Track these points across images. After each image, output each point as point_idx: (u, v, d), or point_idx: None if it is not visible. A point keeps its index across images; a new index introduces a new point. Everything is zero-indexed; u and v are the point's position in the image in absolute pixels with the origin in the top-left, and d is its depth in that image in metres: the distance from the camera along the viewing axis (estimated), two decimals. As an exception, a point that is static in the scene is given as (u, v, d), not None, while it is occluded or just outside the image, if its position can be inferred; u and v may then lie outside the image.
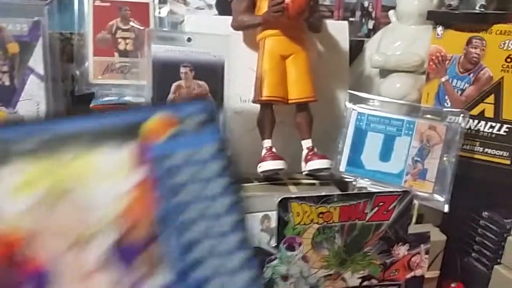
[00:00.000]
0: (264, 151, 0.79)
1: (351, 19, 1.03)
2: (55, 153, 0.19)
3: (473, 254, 0.83)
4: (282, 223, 0.59)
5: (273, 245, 0.60)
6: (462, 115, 0.74)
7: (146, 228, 0.19)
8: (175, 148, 0.21)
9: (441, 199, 0.74)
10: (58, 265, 0.18)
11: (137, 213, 0.19)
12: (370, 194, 0.59)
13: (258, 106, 0.81)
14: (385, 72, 0.90)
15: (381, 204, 0.60)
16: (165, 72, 0.73)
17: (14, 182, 0.18)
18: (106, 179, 0.19)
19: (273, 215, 0.66)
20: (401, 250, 0.64)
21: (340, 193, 0.62)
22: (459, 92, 0.79)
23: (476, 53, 0.76)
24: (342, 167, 0.80)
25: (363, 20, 1.04)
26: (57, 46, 0.68)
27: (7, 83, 0.66)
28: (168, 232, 0.19)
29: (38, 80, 0.66)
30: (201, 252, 0.20)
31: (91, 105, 0.79)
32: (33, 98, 0.67)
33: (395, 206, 0.61)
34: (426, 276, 0.68)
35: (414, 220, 0.76)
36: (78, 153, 0.19)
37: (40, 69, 0.66)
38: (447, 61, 0.79)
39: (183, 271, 0.19)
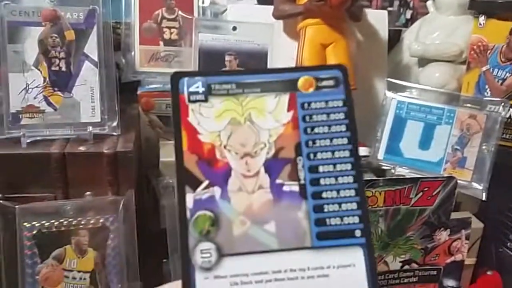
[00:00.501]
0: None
1: (389, 8, 1.03)
2: (240, 95, 0.29)
3: (508, 244, 0.84)
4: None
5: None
6: (502, 104, 0.75)
7: (290, 151, 0.28)
8: (315, 99, 0.29)
9: (479, 187, 0.75)
10: (236, 165, 0.28)
11: (286, 140, 0.28)
12: (415, 179, 0.61)
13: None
14: (423, 61, 0.91)
15: (425, 189, 0.61)
16: (211, 60, 0.75)
17: (217, 110, 0.29)
18: (269, 115, 0.29)
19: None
20: (443, 235, 0.65)
21: (386, 178, 0.63)
22: (500, 81, 0.79)
23: (519, 42, 0.76)
24: (381, 155, 0.81)
25: (401, 10, 1.05)
26: (110, 34, 0.70)
27: (64, 68, 0.69)
28: (302, 156, 0.28)
29: (93, 66, 0.69)
30: (321, 173, 0.28)
31: (138, 92, 0.82)
32: (88, 84, 0.70)
33: (439, 192, 0.62)
34: (464, 262, 0.69)
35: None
36: (255, 95, 0.29)
37: (95, 56, 0.69)
38: (489, 51, 0.79)
39: (308, 183, 0.28)
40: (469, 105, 0.77)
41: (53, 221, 0.65)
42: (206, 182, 0.28)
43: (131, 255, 0.68)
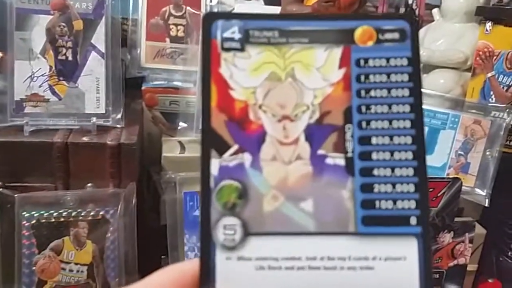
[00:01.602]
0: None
1: (395, 15, 1.04)
2: (284, 45, 0.25)
3: (509, 253, 0.83)
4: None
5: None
6: (507, 110, 0.75)
7: (337, 116, 0.24)
8: (374, 54, 0.24)
9: (482, 193, 0.75)
10: (272, 130, 0.24)
11: (334, 103, 0.24)
12: (420, 179, 0.60)
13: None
14: (428, 68, 0.91)
15: (430, 190, 0.61)
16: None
17: (254, 62, 0.24)
18: (316, 72, 0.24)
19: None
20: (446, 238, 0.65)
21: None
22: (505, 88, 0.79)
23: (525, 49, 0.76)
24: (384, 159, 0.80)
25: (407, 17, 1.05)
26: (118, 28, 0.70)
27: (70, 58, 0.68)
28: (353, 123, 0.24)
29: (99, 57, 0.69)
30: (374, 145, 0.24)
31: (143, 87, 0.82)
32: (93, 74, 0.69)
33: (444, 193, 0.62)
34: (467, 267, 0.68)
35: (454, 213, 0.77)
36: (301, 47, 0.24)
37: (102, 47, 0.69)
38: (495, 57, 0.79)
39: (356, 157, 0.24)
40: (473, 110, 0.77)
41: (52, 211, 0.64)
42: (235, 147, 0.24)
43: (130, 249, 0.67)
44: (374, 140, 0.24)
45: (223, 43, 0.25)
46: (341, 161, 0.24)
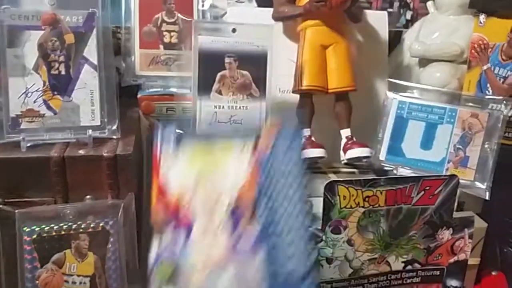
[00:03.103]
0: (303, 140, 0.81)
1: (389, 9, 1.03)
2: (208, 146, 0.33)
3: (512, 245, 0.83)
4: (329, 206, 0.60)
5: (318, 228, 0.62)
6: (504, 102, 0.74)
7: (250, 199, 0.32)
8: (273, 156, 0.34)
9: (482, 186, 0.74)
10: (198, 221, 0.32)
11: (246, 190, 0.32)
12: (416, 178, 0.60)
13: (297, 97, 0.82)
14: (424, 62, 0.90)
15: (427, 188, 0.61)
16: (210, 62, 0.75)
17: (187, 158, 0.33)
18: (234, 167, 0.33)
19: (314, 201, 0.68)
20: (445, 234, 0.65)
21: (387, 177, 0.63)
22: (502, 79, 0.79)
23: (520, 40, 0.76)
24: (382, 155, 0.80)
25: (401, 11, 1.05)
26: (109, 38, 0.71)
27: (63, 72, 0.69)
28: (261, 202, 0.32)
29: (92, 69, 0.69)
30: (278, 216, 0.32)
31: (138, 95, 0.82)
32: (87, 87, 0.70)
33: (441, 190, 0.61)
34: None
35: (454, 208, 0.77)
36: (220, 149, 0.33)
37: (94, 59, 0.69)
38: (490, 49, 0.79)
39: (266, 225, 0.32)
40: (470, 104, 0.77)
41: (52, 225, 0.65)
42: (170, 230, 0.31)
43: (132, 258, 0.67)
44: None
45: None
46: (253, 237, 0.31)
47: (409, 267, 0.66)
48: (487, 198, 0.74)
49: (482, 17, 0.78)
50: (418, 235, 0.64)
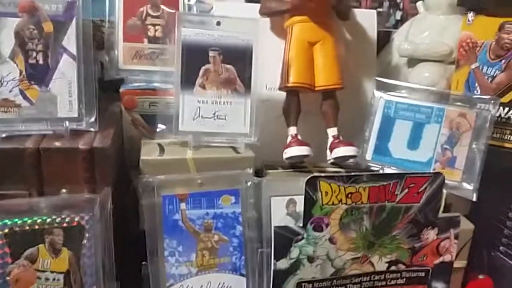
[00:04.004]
0: (289, 138, 0.79)
1: (379, 9, 1.02)
2: None
3: (501, 248, 0.82)
4: (310, 202, 0.58)
5: (300, 225, 0.60)
6: (492, 102, 0.73)
7: None
8: None
9: (470, 187, 0.73)
10: None
11: None
12: (400, 175, 0.58)
13: (283, 94, 0.81)
14: (413, 61, 0.89)
15: (411, 185, 0.59)
16: (194, 56, 0.73)
17: None
18: None
19: (299, 199, 0.66)
20: (430, 234, 0.63)
21: (370, 173, 0.61)
22: (490, 79, 0.77)
23: (508, 39, 0.75)
24: (369, 155, 0.79)
25: (391, 11, 1.04)
26: (90, 28, 0.69)
27: (41, 61, 0.67)
28: None
29: (71, 59, 0.67)
30: None
31: (120, 90, 0.80)
32: (65, 77, 0.68)
33: (425, 188, 0.60)
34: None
35: (441, 209, 0.75)
36: None
37: (73, 49, 0.67)
38: (478, 48, 0.78)
39: None
40: (458, 103, 0.76)
41: (26, 219, 0.62)
42: None
43: (107, 255, 0.65)
44: None
45: None
46: None
47: (393, 267, 0.64)
48: (474, 199, 0.72)
49: (470, 15, 0.77)
50: (402, 235, 0.62)
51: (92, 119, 0.69)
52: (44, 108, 0.67)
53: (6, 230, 0.62)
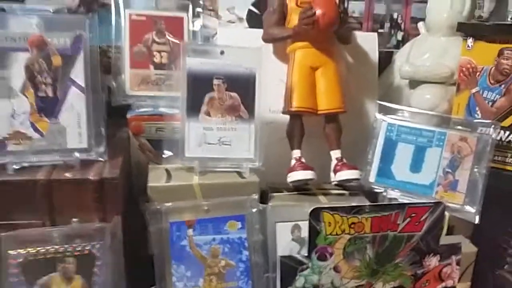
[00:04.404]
0: (293, 161, 0.81)
1: (380, 30, 1.04)
2: None
3: (505, 267, 0.83)
4: (314, 232, 0.60)
5: (305, 255, 0.61)
6: (493, 126, 0.74)
7: None
8: None
9: (472, 210, 0.74)
10: None
11: None
12: (402, 205, 0.60)
13: (287, 117, 0.82)
14: (414, 83, 0.90)
15: (413, 215, 0.60)
16: (199, 84, 0.75)
17: None
18: None
19: (304, 225, 0.68)
20: (432, 261, 0.64)
21: (372, 204, 0.62)
22: (490, 103, 0.79)
23: (507, 64, 0.76)
24: (372, 177, 0.80)
25: (392, 31, 1.05)
26: (97, 59, 0.71)
27: (50, 94, 0.69)
28: None
29: (79, 91, 0.69)
30: None
31: (128, 116, 0.82)
32: (74, 109, 0.69)
33: (427, 217, 0.61)
34: (457, 287, 0.68)
35: (444, 231, 0.76)
36: None
37: (81, 81, 0.69)
38: (478, 73, 0.79)
39: None
40: (459, 127, 0.77)
41: (39, 248, 0.64)
42: None
43: (119, 281, 0.67)
44: None
45: None
46: None
47: (396, 293, 0.65)
48: (476, 222, 0.73)
49: (470, 41, 0.79)
50: (405, 262, 0.63)
51: (101, 149, 0.70)
52: (54, 139, 0.69)
53: (21, 259, 0.63)
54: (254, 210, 0.72)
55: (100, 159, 0.70)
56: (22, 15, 0.68)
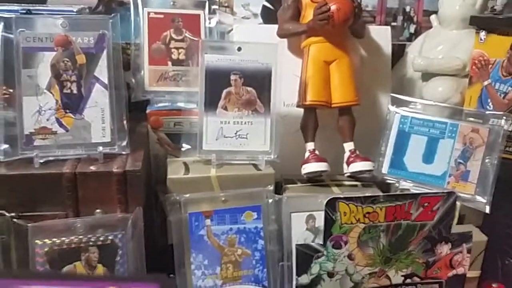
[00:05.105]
0: (307, 154, 0.83)
1: (393, 23, 1.05)
2: None
3: (514, 256, 0.84)
4: (330, 222, 0.62)
5: (320, 243, 0.64)
6: (504, 117, 0.76)
7: None
8: None
9: (483, 200, 0.75)
10: None
11: None
12: (415, 195, 0.62)
13: (301, 110, 0.84)
14: (427, 76, 0.92)
15: (426, 204, 0.62)
16: (216, 80, 0.77)
17: None
18: None
19: (318, 215, 0.70)
20: (444, 249, 0.66)
21: (386, 194, 0.64)
22: (502, 95, 0.80)
23: (519, 57, 0.77)
24: (385, 169, 0.82)
25: (405, 24, 1.06)
26: (119, 56, 0.73)
27: (75, 91, 0.72)
28: None
29: (103, 88, 0.72)
30: None
31: (147, 111, 0.85)
32: (98, 105, 0.72)
33: (439, 207, 0.63)
34: (467, 275, 0.69)
35: (455, 221, 0.78)
36: None
37: (105, 78, 0.72)
38: (490, 65, 0.80)
39: None
40: (471, 119, 0.78)
41: (64, 238, 0.67)
42: None
43: (140, 271, 0.70)
44: None
45: None
46: None
47: (408, 280, 0.67)
48: (487, 211, 0.75)
49: (482, 34, 0.80)
50: (417, 250, 0.65)
51: (124, 143, 0.73)
52: (79, 134, 0.72)
53: (46, 249, 0.67)
54: (269, 201, 0.74)
55: (123, 152, 0.73)
56: (48, 16, 0.70)
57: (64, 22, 0.71)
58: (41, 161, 0.70)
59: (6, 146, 0.70)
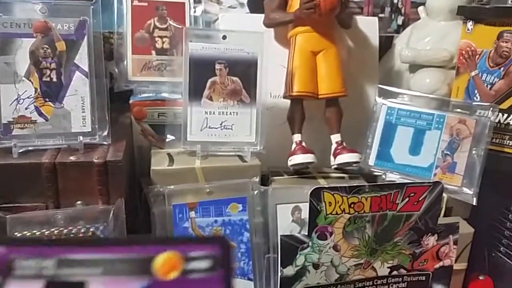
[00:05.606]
0: (294, 145, 0.82)
1: (380, 15, 1.04)
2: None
3: (501, 248, 0.84)
4: (314, 212, 0.61)
5: (305, 234, 0.63)
6: (491, 109, 0.75)
7: None
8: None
9: (470, 192, 0.75)
10: None
11: None
12: (401, 185, 0.61)
13: (288, 101, 0.83)
14: (414, 67, 0.91)
15: (412, 194, 0.61)
16: (201, 69, 0.76)
17: None
18: None
19: (304, 207, 0.69)
20: (430, 240, 0.65)
21: (372, 183, 0.63)
22: (489, 86, 0.79)
23: (507, 47, 0.76)
24: (372, 161, 0.81)
25: (393, 16, 1.05)
26: (100, 44, 0.71)
27: (54, 79, 0.70)
28: None
29: (83, 76, 0.70)
30: None
31: (130, 101, 0.83)
32: (78, 93, 0.71)
33: (425, 197, 0.62)
34: (454, 267, 0.69)
35: (442, 213, 0.78)
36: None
37: (85, 66, 0.70)
38: (477, 56, 0.79)
39: None
40: (458, 110, 0.78)
41: (44, 230, 0.65)
42: None
43: (122, 263, 0.68)
44: None
45: None
46: None
47: (394, 272, 0.66)
48: (474, 203, 0.74)
49: (469, 24, 0.79)
50: (404, 241, 0.65)
51: (105, 133, 0.72)
52: (59, 123, 0.70)
53: (26, 241, 0.65)
54: (255, 192, 0.73)
55: (104, 142, 0.72)
56: (26, 1, 0.68)
57: (43, 8, 0.69)
58: (20, 151, 0.68)
59: (-17, 135, 0.68)
